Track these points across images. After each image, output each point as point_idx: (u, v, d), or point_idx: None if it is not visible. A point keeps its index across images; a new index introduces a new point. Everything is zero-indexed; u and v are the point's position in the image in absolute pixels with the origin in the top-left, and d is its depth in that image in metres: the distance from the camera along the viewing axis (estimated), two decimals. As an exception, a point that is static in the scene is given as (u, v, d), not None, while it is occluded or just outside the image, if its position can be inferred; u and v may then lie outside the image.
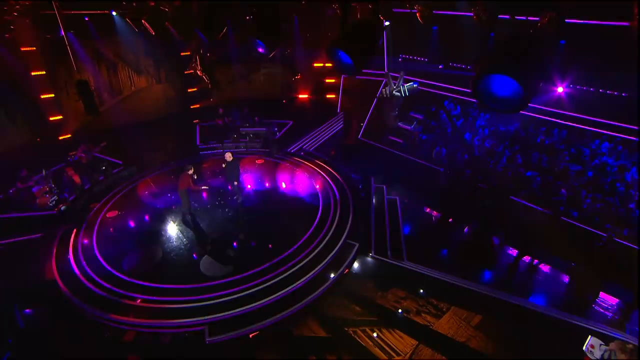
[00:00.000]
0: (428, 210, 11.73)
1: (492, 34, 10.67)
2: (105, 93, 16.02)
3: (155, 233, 9.55)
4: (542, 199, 10.54)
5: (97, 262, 8.72)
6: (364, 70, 5.37)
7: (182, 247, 9.03)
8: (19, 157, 12.32)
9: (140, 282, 8.08)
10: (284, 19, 13.88)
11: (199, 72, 16.27)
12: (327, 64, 18.38)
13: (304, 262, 8.54)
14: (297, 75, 18.78)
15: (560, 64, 10.83)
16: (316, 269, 8.49)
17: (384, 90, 13.55)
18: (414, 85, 13.43)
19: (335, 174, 12.46)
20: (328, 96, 18.68)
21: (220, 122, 16.03)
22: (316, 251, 8.90)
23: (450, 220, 11.26)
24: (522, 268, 9.36)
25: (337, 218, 9.97)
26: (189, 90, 18.53)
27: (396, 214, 11.00)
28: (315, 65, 18.75)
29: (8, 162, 11.68)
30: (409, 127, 15.38)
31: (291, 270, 8.29)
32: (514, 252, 9.78)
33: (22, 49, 13.08)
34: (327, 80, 18.60)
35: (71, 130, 14.77)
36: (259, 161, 13.51)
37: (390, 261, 9.11)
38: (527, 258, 9.64)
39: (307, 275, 8.26)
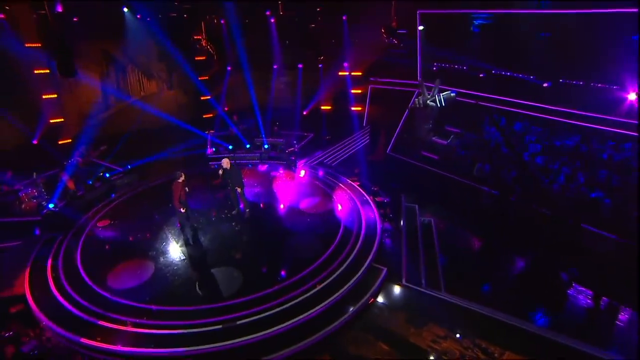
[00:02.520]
0: (468, 234, 10.56)
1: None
2: (112, 97, 15.81)
3: (150, 246, 9.24)
4: (614, 224, 9.22)
5: (77, 276, 8.32)
6: (393, 80, 4.51)
7: (178, 263, 8.59)
8: (12, 159, 12.14)
9: (124, 301, 7.48)
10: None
11: (203, 43, 15.97)
12: (353, 73, 17.87)
13: (321, 286, 7.66)
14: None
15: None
16: (335, 295, 7.52)
17: (417, 100, 12.83)
18: (452, 94, 12.61)
19: (360, 190, 11.93)
20: (354, 108, 18.19)
21: (232, 131, 15.76)
22: (335, 274, 8.01)
23: (497, 246, 10.02)
24: (598, 311, 7.95)
25: (361, 238, 9.22)
26: (202, 99, 18.27)
27: (431, 237, 9.98)
28: (340, 74, 18.30)
29: (9, 170, 11.54)
30: (444, 142, 14.45)
31: (304, 296, 7.40)
32: (585, 290, 8.37)
33: (27, 45, 13.00)
34: (353, 91, 18.10)
35: (72, 134, 14.51)
36: (274, 173, 13.30)
37: (426, 291, 7.98)
38: (603, 299, 8.23)
39: (324, 303, 7.30)
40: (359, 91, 18.14)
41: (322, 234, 9.24)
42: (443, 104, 12.41)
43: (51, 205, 10.71)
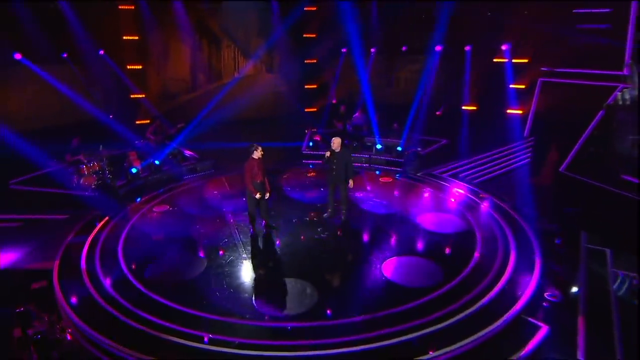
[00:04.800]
0: None
1: None
2: (202, 74, 16.84)
3: (208, 241, 9.60)
4: None
5: (114, 260, 8.76)
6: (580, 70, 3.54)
7: (236, 265, 8.68)
8: (85, 133, 13.53)
9: (158, 298, 7.49)
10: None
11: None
12: (516, 59, 16.61)
13: (429, 329, 6.82)
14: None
15: None
16: (451, 348, 6.44)
17: (620, 96, 11.59)
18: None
19: (513, 214, 11.17)
20: (512, 110, 17.08)
21: (339, 126, 16.04)
22: (457, 318, 7.11)
23: None
24: None
25: (506, 275, 8.40)
26: (307, 87, 18.52)
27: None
28: (496, 61, 17.28)
29: (72, 135, 12.95)
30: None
31: (399, 338, 6.59)
32: None
33: (120, 7, 14.61)
34: (514, 86, 17.00)
35: (150, 115, 15.69)
36: (384, 179, 13.53)
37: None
38: None
39: (430, 356, 6.28)
40: (522, 86, 17.02)
41: (443, 259, 8.97)
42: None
43: (109, 180, 11.58)
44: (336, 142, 9.87)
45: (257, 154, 9.13)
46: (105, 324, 6.80)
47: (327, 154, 9.94)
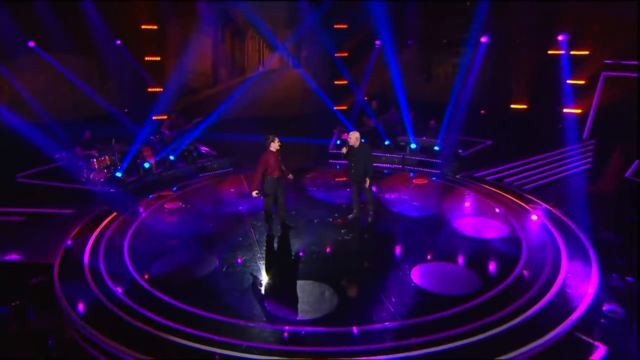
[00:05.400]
0: None
1: None
2: (224, 68, 16.96)
3: (220, 238, 9.76)
4: None
5: (119, 256, 8.93)
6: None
7: (249, 265, 8.74)
8: (98, 126, 13.80)
9: (163, 297, 7.56)
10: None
11: None
12: (575, 51, 16.23)
13: (462, 342, 6.59)
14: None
15: None
16: None
17: None
18: None
19: (565, 220, 10.94)
20: (566, 110, 16.67)
21: (370, 124, 15.86)
22: (495, 331, 6.85)
23: None
24: None
25: (556, 287, 8.15)
26: (337, 83, 18.47)
27: None
28: (551, 52, 16.82)
29: (84, 128, 13.28)
30: None
31: (433, 349, 6.39)
32: None
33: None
34: (572, 82, 16.57)
35: (167, 110, 15.87)
36: (419, 181, 13.62)
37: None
38: None
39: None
40: (581, 82, 16.58)
41: (482, 266, 8.89)
42: None
43: (118, 174, 11.71)
44: (353, 137, 9.82)
45: (275, 145, 9.10)
46: (106, 323, 6.82)
47: (344, 149, 9.96)
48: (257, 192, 9.08)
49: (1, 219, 10.40)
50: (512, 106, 17.90)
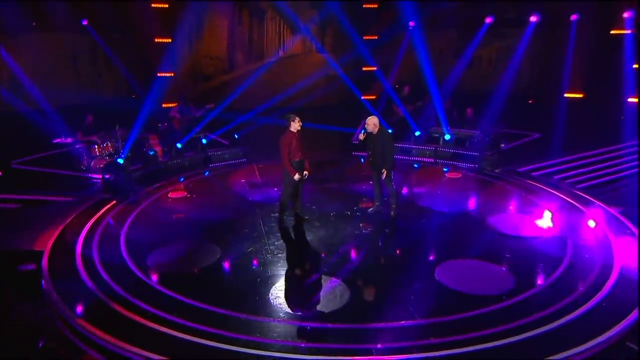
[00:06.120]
0: None
1: None
2: (240, 53, 17.03)
3: (226, 229, 9.89)
4: None
5: (114, 245, 9.07)
6: None
7: (256, 257, 8.80)
8: (102, 112, 14.13)
9: (158, 287, 7.70)
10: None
11: None
12: None
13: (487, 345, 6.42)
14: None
15: None
16: None
17: None
18: None
19: (622, 219, 10.64)
20: (631, 99, 16.50)
21: (400, 113, 15.95)
22: (528, 335, 6.61)
23: None
24: None
25: (605, 291, 7.95)
26: (365, 69, 18.36)
27: None
28: (613, 32, 16.65)
29: (86, 112, 13.68)
30: None
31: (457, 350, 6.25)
32: None
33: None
34: (638, 67, 16.35)
35: (178, 97, 16.03)
36: (452, 174, 13.78)
37: None
38: None
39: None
40: None
41: (517, 265, 8.76)
42: None
43: (120, 161, 11.84)
44: (371, 123, 9.72)
45: (295, 125, 9.07)
46: (95, 313, 6.89)
47: (361, 136, 9.89)
48: (297, 173, 9.13)
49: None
50: (565, 95, 17.71)
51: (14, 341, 6.68)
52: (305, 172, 9.31)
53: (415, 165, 14.41)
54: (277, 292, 7.59)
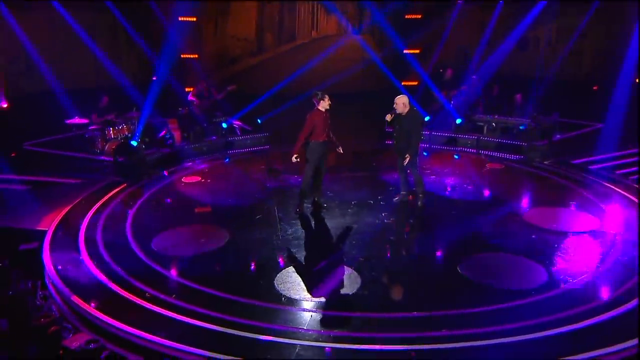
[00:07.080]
0: None
1: None
2: (270, 34, 17.40)
3: (238, 213, 10.25)
4: None
5: (120, 227, 9.48)
6: None
7: (268, 239, 9.10)
8: (119, 96, 14.86)
9: (160, 270, 7.97)
10: None
11: None
12: None
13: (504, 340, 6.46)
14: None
15: None
16: None
17: None
18: None
19: None
20: None
21: (443, 97, 15.85)
22: (554, 331, 6.57)
23: None
24: None
25: None
26: (407, 52, 18.39)
27: None
28: None
29: (102, 93, 14.17)
30: None
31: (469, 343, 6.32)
32: None
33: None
34: None
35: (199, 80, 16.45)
36: (492, 165, 13.90)
37: None
38: None
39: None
40: None
41: (552, 260, 8.75)
42: None
43: (134, 143, 12.28)
44: (400, 102, 9.71)
45: (324, 104, 9.22)
46: (94, 294, 7.18)
47: (389, 116, 9.88)
48: (296, 156, 9.33)
49: (4, 187, 11.12)
50: (639, 81, 17.14)
51: (8, 316, 6.97)
52: (339, 149, 9.65)
53: (456, 157, 14.47)
54: (283, 278, 7.74)
